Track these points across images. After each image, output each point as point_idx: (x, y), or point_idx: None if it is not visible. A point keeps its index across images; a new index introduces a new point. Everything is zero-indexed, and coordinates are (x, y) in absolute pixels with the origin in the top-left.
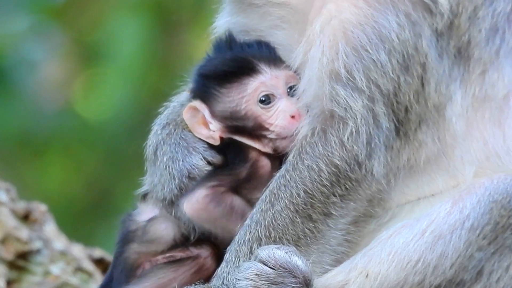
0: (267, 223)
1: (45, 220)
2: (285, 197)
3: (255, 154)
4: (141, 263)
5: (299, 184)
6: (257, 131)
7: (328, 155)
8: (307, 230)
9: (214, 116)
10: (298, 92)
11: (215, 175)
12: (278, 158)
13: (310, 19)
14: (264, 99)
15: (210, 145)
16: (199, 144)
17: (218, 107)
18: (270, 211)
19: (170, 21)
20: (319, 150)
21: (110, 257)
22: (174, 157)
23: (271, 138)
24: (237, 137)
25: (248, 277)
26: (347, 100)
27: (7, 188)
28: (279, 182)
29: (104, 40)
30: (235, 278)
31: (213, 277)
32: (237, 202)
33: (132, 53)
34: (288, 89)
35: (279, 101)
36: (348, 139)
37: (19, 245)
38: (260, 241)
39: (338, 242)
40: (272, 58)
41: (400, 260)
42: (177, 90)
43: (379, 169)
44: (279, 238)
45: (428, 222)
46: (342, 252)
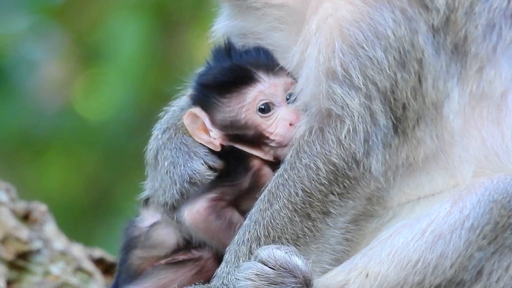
0: (266, 222)
1: (45, 220)
2: (283, 196)
3: (257, 163)
4: (144, 268)
5: (297, 183)
6: (258, 140)
7: (326, 154)
8: (306, 229)
9: (214, 124)
10: (296, 92)
11: (217, 185)
12: (278, 165)
13: (307, 18)
14: (263, 107)
15: (211, 149)
16: (200, 149)
17: (218, 116)
18: (269, 210)
19: (170, 21)
20: (316, 149)
21: (110, 257)
22: (175, 162)
23: (272, 146)
24: (238, 146)
25: (248, 277)
26: (344, 98)
27: (7, 188)
28: (277, 181)
29: (104, 40)
30: (235, 278)
31: (213, 277)
32: (236, 218)
33: (132, 53)
34: (287, 97)
35: (278, 109)
36: (345, 137)
37: (19, 245)
38: (259, 241)
39: (337, 241)
40: (270, 66)
41: (400, 260)
42: (177, 94)
43: (377, 167)
44: (278, 238)
45: (428, 222)
46: (341, 251)
